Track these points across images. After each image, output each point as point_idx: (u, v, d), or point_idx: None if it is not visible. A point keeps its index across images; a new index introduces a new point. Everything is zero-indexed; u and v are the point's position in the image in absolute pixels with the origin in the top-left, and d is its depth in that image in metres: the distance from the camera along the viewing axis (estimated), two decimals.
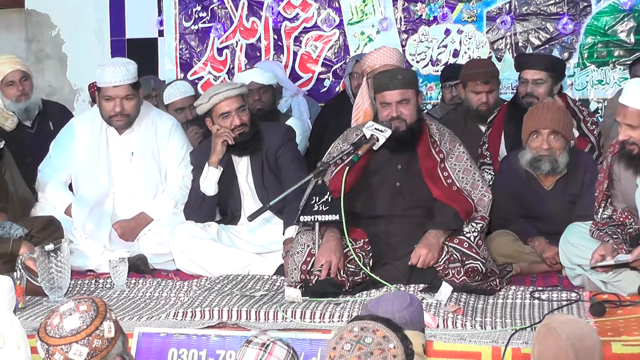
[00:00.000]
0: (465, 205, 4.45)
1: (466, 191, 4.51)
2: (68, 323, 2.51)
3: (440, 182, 4.51)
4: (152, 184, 5.33)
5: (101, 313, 2.53)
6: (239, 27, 7.18)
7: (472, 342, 3.60)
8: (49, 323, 2.54)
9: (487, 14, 6.74)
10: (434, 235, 4.35)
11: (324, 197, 4.33)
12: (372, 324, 2.43)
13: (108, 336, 2.51)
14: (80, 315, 2.51)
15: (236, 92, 4.99)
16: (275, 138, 5.11)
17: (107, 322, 2.52)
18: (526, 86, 5.26)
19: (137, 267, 4.91)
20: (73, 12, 7.44)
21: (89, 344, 2.48)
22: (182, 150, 5.38)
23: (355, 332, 2.40)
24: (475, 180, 4.59)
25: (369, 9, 6.95)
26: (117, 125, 5.27)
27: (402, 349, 2.40)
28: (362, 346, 2.37)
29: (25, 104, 5.76)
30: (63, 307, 2.56)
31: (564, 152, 4.72)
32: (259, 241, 5.02)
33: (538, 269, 4.76)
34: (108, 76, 5.16)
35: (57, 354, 2.49)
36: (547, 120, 4.67)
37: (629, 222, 4.33)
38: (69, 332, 2.49)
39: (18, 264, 4.42)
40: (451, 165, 4.57)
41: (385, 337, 2.40)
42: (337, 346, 2.39)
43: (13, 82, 5.72)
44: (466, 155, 4.64)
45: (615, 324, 3.76)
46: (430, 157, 4.54)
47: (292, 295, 4.17)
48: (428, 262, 4.29)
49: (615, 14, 6.51)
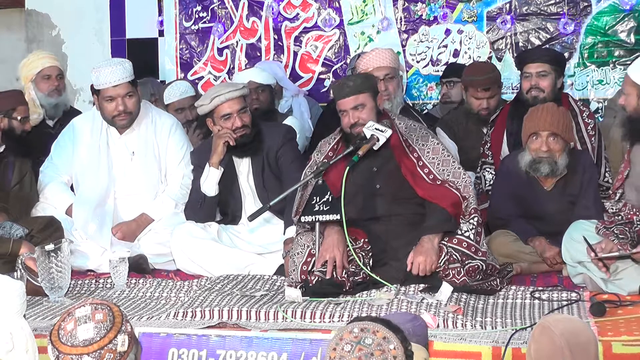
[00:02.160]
0: (451, 199, 4.38)
1: (450, 182, 4.46)
2: (82, 332, 2.44)
3: (423, 181, 4.45)
4: (152, 183, 5.33)
5: (117, 325, 2.47)
6: (239, 27, 7.18)
7: (472, 342, 3.61)
8: (63, 327, 2.48)
9: (487, 14, 6.74)
10: (428, 240, 4.31)
11: (325, 197, 4.33)
12: (372, 324, 2.43)
13: (121, 350, 2.46)
14: (95, 325, 2.45)
15: (238, 94, 4.99)
16: (275, 138, 5.11)
17: (121, 335, 2.46)
18: (530, 80, 5.23)
19: (137, 267, 4.91)
20: (73, 12, 7.44)
21: (100, 358, 2.43)
22: (182, 150, 5.38)
23: (355, 333, 2.40)
24: (455, 170, 4.51)
25: (369, 9, 6.95)
26: (121, 125, 5.26)
27: (402, 349, 2.40)
28: (363, 347, 2.37)
29: (57, 100, 5.87)
30: (79, 311, 2.50)
31: (563, 154, 4.71)
32: (259, 241, 5.02)
33: (538, 269, 4.76)
34: (106, 77, 5.16)
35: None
36: (546, 122, 4.67)
37: (637, 220, 4.33)
38: (81, 342, 2.43)
39: (18, 264, 4.43)
40: (429, 160, 4.50)
41: (386, 338, 2.40)
42: (337, 347, 2.39)
43: (50, 76, 5.87)
44: (441, 146, 4.57)
45: (615, 324, 3.76)
46: (404, 154, 4.49)
47: (292, 295, 4.17)
48: (428, 269, 4.26)
49: (616, 14, 6.51)
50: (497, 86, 5.68)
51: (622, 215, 4.36)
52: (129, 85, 5.20)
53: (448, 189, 4.42)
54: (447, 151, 4.60)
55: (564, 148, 4.70)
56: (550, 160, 4.69)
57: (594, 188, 4.84)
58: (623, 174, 4.42)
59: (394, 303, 4.07)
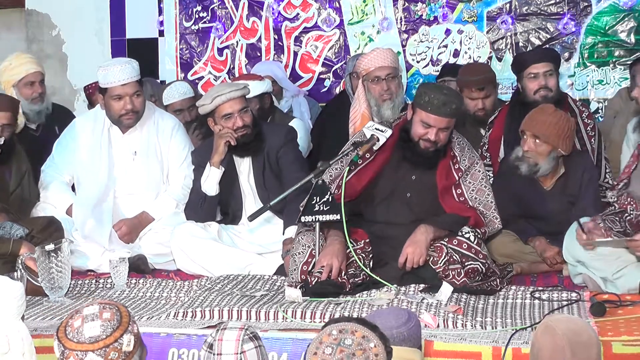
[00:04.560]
0: (476, 220, 4.44)
1: (478, 211, 4.49)
2: (88, 329, 2.45)
3: (452, 199, 4.47)
4: (154, 183, 5.34)
5: (123, 324, 2.48)
6: (240, 27, 7.18)
7: (473, 342, 3.60)
8: (70, 324, 2.49)
9: (487, 14, 6.74)
10: (422, 232, 4.30)
11: (325, 197, 4.33)
12: (349, 325, 2.44)
13: (126, 350, 2.46)
14: (102, 323, 2.46)
15: (239, 94, 4.99)
16: (276, 138, 5.11)
17: (127, 335, 2.47)
18: (538, 80, 5.17)
19: (136, 268, 4.90)
20: (73, 12, 7.43)
21: (105, 355, 2.43)
22: (184, 151, 5.38)
23: (334, 335, 2.40)
24: (488, 202, 4.55)
25: (370, 9, 6.94)
26: (127, 124, 5.26)
27: (382, 347, 2.40)
28: (344, 348, 2.37)
29: (40, 107, 5.77)
30: (87, 309, 2.51)
31: (547, 158, 4.67)
32: (259, 241, 5.02)
33: (538, 268, 4.76)
34: (115, 75, 5.15)
35: (72, 358, 2.45)
36: (532, 122, 4.66)
37: (630, 209, 4.33)
38: (87, 339, 2.44)
39: (18, 264, 4.43)
40: (466, 183, 4.52)
41: (365, 336, 2.40)
42: (318, 351, 2.39)
43: (33, 82, 5.75)
44: (482, 174, 4.58)
45: (615, 324, 3.76)
46: (449, 174, 4.49)
47: (292, 296, 4.17)
48: (416, 261, 4.26)
49: (616, 14, 6.51)
50: (493, 86, 5.65)
51: (617, 206, 4.36)
52: (137, 84, 5.21)
53: (474, 212, 4.45)
54: (487, 181, 4.61)
55: (549, 152, 4.67)
56: (531, 162, 4.68)
57: (593, 188, 4.83)
58: (630, 168, 4.41)
59: (394, 303, 4.07)
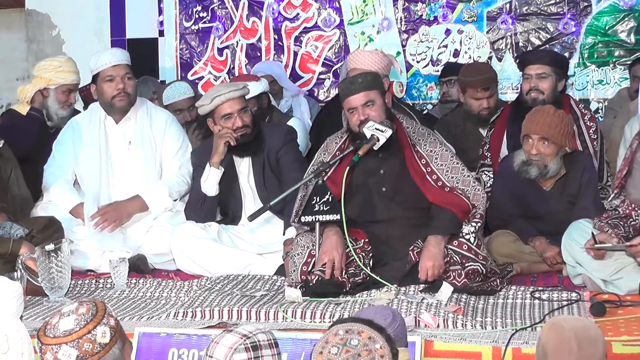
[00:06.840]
0: (462, 207, 4.40)
1: (460, 190, 4.46)
2: (63, 324, 2.52)
3: (432, 186, 4.45)
4: (149, 172, 5.34)
5: (97, 317, 2.54)
6: (240, 27, 7.19)
7: (473, 342, 3.60)
8: (49, 322, 2.56)
9: (487, 14, 6.75)
10: (435, 243, 4.29)
11: (325, 197, 4.33)
12: (356, 325, 2.44)
13: (101, 341, 2.51)
14: (76, 317, 2.53)
15: (238, 94, 4.99)
16: (276, 138, 5.11)
17: (101, 327, 2.52)
18: (530, 81, 5.19)
19: (135, 268, 4.90)
20: (73, 12, 7.44)
21: (79, 347, 2.49)
22: (178, 142, 5.41)
23: (340, 335, 2.41)
24: (465, 177, 4.51)
25: (370, 9, 6.95)
26: (121, 106, 5.29)
27: (388, 348, 2.41)
28: (349, 349, 2.37)
29: (67, 114, 5.79)
30: (66, 307, 2.58)
31: (555, 158, 4.68)
32: (259, 241, 5.02)
33: (538, 269, 4.76)
34: (106, 57, 5.29)
35: (48, 353, 2.51)
36: (538, 125, 4.65)
37: (635, 215, 4.33)
38: (62, 333, 2.51)
39: (18, 264, 4.43)
40: (437, 166, 4.48)
41: (371, 337, 2.41)
42: (323, 350, 2.39)
43: (70, 92, 5.81)
44: (449, 153, 4.57)
45: (615, 324, 3.76)
46: (413, 161, 4.47)
47: (292, 296, 4.17)
48: (437, 273, 4.25)
49: (616, 14, 6.52)
50: (495, 85, 5.67)
51: (620, 211, 4.36)
52: (128, 67, 5.31)
53: (458, 197, 4.42)
54: (456, 158, 4.57)
55: (556, 152, 4.68)
56: (540, 164, 4.68)
57: (593, 188, 4.83)
58: (622, 172, 4.42)
59: (394, 303, 4.06)
